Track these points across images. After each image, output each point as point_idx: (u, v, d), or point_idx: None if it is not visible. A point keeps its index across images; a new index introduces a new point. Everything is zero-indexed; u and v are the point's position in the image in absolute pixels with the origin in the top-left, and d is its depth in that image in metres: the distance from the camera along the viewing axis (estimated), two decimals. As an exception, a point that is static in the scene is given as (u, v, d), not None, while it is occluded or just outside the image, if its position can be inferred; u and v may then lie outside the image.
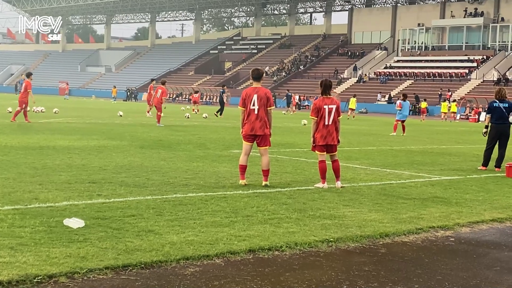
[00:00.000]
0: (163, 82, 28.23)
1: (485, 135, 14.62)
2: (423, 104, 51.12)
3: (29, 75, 24.94)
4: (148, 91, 33.61)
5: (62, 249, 5.83)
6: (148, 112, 33.66)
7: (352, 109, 45.40)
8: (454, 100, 55.25)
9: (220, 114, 36.39)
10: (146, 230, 6.69)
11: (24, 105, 24.28)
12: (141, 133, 21.08)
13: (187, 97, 77.46)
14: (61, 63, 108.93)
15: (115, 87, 74.89)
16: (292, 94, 55.48)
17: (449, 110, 50.65)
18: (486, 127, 14.53)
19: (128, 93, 79.97)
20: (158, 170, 11.59)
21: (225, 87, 42.75)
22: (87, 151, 14.46)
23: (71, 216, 7.06)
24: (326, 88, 10.55)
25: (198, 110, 42.08)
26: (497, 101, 14.27)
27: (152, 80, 35.18)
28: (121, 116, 32.16)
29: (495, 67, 65.45)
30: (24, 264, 5.30)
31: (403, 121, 26.57)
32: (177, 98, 79.73)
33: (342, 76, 75.23)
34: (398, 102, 27.08)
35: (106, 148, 15.39)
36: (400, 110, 26.48)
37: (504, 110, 14.11)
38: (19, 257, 5.49)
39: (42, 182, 9.56)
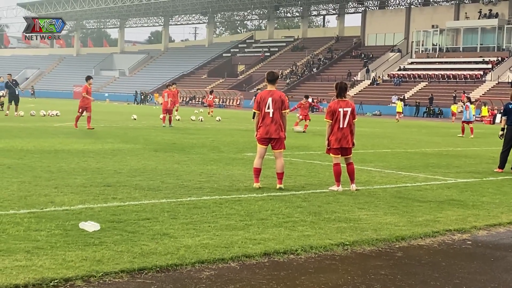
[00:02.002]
0: (167, 85, 29.50)
1: (501, 137, 14.50)
2: (454, 107, 51.27)
3: (88, 78, 23.55)
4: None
5: (78, 252, 5.85)
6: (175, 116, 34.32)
7: (400, 112, 47.50)
8: (485, 104, 54.80)
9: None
10: (161, 234, 6.69)
11: (81, 110, 23.36)
12: (155, 136, 21.14)
13: (200, 100, 77.63)
14: (76, 67, 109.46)
15: (158, 93, 75.65)
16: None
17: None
18: (503, 129, 14.41)
19: (142, 96, 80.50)
20: (172, 173, 11.60)
21: (259, 90, 43.14)
22: (101, 154, 14.51)
23: (86, 219, 7.08)
24: (341, 90, 10.51)
25: (212, 112, 41.99)
26: (512, 103, 14.17)
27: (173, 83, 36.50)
28: (135, 119, 32.29)
29: (510, 69, 64.95)
30: (41, 268, 5.32)
31: (469, 122, 28.38)
32: (190, 102, 79.91)
33: (355, 78, 75.04)
34: (466, 104, 29.10)
35: (121, 151, 15.45)
36: (467, 111, 28.60)
37: (520, 112, 14.00)
38: (35, 261, 5.51)
39: (58, 185, 9.61)
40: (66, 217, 7.33)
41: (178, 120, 33.11)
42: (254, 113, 10.57)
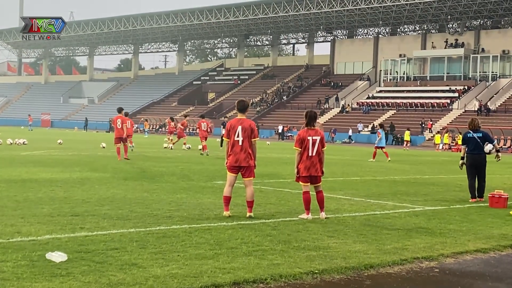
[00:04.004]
0: (125, 114, 29.32)
1: (461, 167, 14.54)
2: (437, 138, 52.05)
3: (120, 110, 24.07)
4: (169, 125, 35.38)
5: (45, 283, 5.76)
6: (168, 141, 35.53)
7: (408, 141, 49.01)
8: (460, 133, 55.73)
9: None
10: (130, 264, 6.63)
11: (126, 139, 23.48)
12: (124, 164, 20.99)
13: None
14: (44, 95, 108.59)
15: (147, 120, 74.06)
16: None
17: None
18: (462, 158, 14.48)
19: (111, 124, 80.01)
20: (142, 202, 11.53)
21: (227, 119, 43.49)
22: (69, 183, 14.36)
23: (53, 249, 6.99)
24: (310, 119, 10.60)
25: (171, 140, 41.03)
26: (471, 132, 14.39)
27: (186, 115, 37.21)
28: (104, 147, 32.01)
29: (477, 97, 66.25)
30: (6, 300, 5.23)
31: (382, 148, 29.86)
32: (160, 129, 79.64)
33: (325, 106, 75.72)
34: (378, 131, 30.65)
35: (89, 180, 15.30)
36: (379, 138, 30.01)
37: (479, 140, 14.18)
38: (0, 293, 5.42)
39: (24, 215, 9.47)
40: (32, 247, 7.22)
41: (189, 148, 33.43)
42: (222, 140, 10.63)
